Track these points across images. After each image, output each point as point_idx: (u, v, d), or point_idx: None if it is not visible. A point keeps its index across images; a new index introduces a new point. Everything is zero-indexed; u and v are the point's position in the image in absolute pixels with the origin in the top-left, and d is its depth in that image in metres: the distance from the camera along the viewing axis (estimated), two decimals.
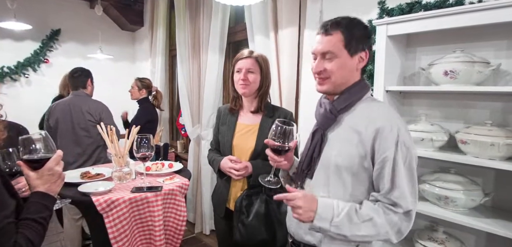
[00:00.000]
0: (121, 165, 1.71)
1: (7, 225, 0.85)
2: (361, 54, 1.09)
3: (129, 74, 4.19)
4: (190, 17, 3.33)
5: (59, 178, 1.03)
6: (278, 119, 1.17)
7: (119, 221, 1.42)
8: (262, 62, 1.66)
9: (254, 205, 1.54)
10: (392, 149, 0.99)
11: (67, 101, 2.65)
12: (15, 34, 4.15)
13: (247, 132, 1.69)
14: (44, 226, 0.95)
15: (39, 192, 0.98)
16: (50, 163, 1.01)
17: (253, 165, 1.60)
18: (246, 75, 1.61)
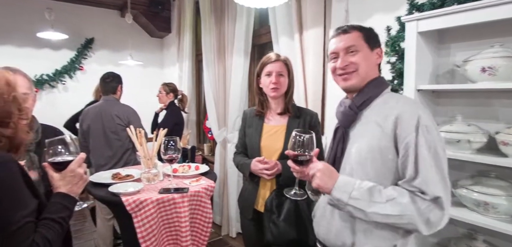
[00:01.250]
0: (149, 167, 1.75)
1: (26, 224, 0.87)
2: (377, 50, 1.13)
3: (157, 79, 4.32)
4: (215, 21, 3.38)
5: (80, 179, 1.06)
6: (296, 129, 1.16)
7: (147, 221, 1.46)
8: (289, 65, 1.70)
9: (284, 204, 1.53)
10: (413, 134, 0.96)
11: (98, 106, 2.77)
12: (52, 43, 4.41)
13: (275, 133, 1.68)
14: (63, 225, 0.97)
15: (61, 192, 1.01)
16: (72, 165, 1.04)
17: (283, 164, 1.59)
18: (277, 78, 1.63)
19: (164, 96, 3.45)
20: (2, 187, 0.85)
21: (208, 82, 3.50)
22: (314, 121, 1.70)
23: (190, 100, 4.09)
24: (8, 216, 0.84)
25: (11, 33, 4.26)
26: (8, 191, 0.86)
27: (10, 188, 0.86)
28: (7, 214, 0.84)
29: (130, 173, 1.84)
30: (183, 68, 4.26)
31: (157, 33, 5.06)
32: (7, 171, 0.87)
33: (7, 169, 0.87)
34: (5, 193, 0.85)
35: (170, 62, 5.03)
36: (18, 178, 0.90)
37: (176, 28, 4.50)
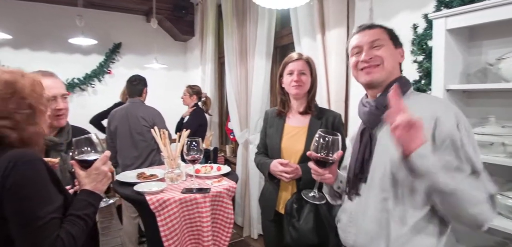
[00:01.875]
0: (172, 167, 1.78)
1: (51, 220, 0.90)
2: (400, 50, 1.11)
3: (181, 82, 4.41)
4: (237, 24, 3.40)
5: (104, 177, 1.09)
6: (321, 130, 1.13)
7: (170, 220, 1.49)
8: (312, 64, 1.68)
9: (304, 208, 1.52)
10: (457, 133, 0.92)
11: (124, 108, 2.87)
12: (83, 49, 4.62)
13: (296, 134, 1.67)
14: (87, 222, 1.00)
15: (86, 190, 1.04)
16: (97, 162, 1.08)
17: (302, 167, 1.57)
18: (299, 77, 1.63)
19: (188, 98, 3.51)
20: (29, 184, 0.89)
21: (230, 84, 3.53)
22: (337, 123, 1.67)
23: (213, 102, 4.14)
24: (34, 212, 0.87)
25: (45, 40, 4.51)
26: (35, 188, 0.89)
27: (37, 184, 0.90)
28: (34, 210, 0.88)
29: (154, 172, 1.89)
30: (206, 71, 4.32)
31: (181, 37, 5.17)
32: (34, 168, 0.91)
33: (33, 166, 0.91)
34: (32, 189, 0.89)
35: (193, 65, 5.12)
36: (44, 175, 0.93)
37: (199, 31, 4.57)
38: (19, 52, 4.40)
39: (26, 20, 4.36)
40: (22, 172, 0.88)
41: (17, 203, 0.87)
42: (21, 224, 0.87)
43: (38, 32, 4.46)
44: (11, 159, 0.89)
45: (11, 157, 0.89)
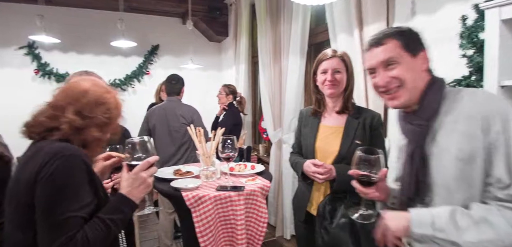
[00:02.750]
0: (207, 164, 1.81)
1: (71, 218, 0.88)
2: (422, 54, 0.98)
3: (215, 82, 4.48)
4: (271, 23, 3.38)
5: (142, 183, 1.04)
6: (360, 148, 1.07)
7: (205, 217, 1.50)
8: (347, 60, 1.60)
9: (338, 211, 1.46)
10: (503, 133, 0.82)
11: (163, 106, 2.97)
12: (123, 51, 4.85)
13: (331, 134, 1.61)
14: (110, 227, 0.95)
15: (120, 193, 1.02)
16: (137, 168, 1.04)
17: (337, 168, 1.52)
18: (333, 76, 1.56)
19: (224, 97, 3.56)
20: (61, 177, 0.89)
21: (264, 83, 3.51)
22: (376, 123, 1.58)
23: (246, 101, 4.16)
24: (57, 206, 0.88)
25: (90, 43, 4.79)
26: (65, 182, 0.90)
27: (68, 179, 0.90)
28: (57, 203, 0.88)
29: (190, 169, 1.93)
30: (240, 71, 4.35)
31: (215, 37, 5.25)
32: (70, 163, 0.91)
33: (71, 161, 0.92)
34: (62, 183, 0.89)
35: (227, 65, 5.18)
36: (79, 172, 0.92)
37: (233, 32, 4.62)
38: (67, 55, 4.71)
39: (73, 26, 4.66)
40: (58, 164, 0.89)
41: (45, 192, 0.88)
42: (42, 213, 0.88)
43: (83, 36, 4.75)
44: (52, 150, 0.92)
45: (53, 148, 0.92)
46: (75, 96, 1.02)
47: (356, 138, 1.55)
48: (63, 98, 1.02)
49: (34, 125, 1.00)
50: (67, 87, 1.07)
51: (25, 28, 4.04)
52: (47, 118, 0.99)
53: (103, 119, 1.04)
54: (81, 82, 1.07)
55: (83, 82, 1.07)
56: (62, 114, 0.99)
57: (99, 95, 1.06)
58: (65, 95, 1.03)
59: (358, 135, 1.55)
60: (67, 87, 1.07)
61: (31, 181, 0.90)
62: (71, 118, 0.98)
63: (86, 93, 1.04)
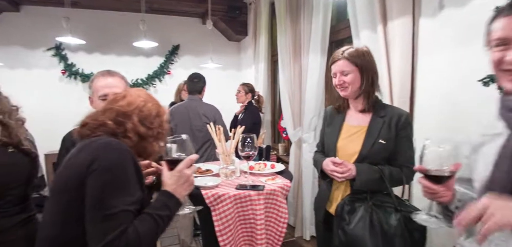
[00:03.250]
0: (227, 163, 1.80)
1: (123, 212, 0.89)
2: None
3: (235, 81, 4.48)
4: (291, 21, 3.34)
5: (186, 181, 1.06)
6: (428, 139, 0.94)
7: (225, 216, 1.49)
8: (356, 58, 1.50)
9: (357, 212, 1.41)
10: None
11: (185, 105, 3.00)
12: (145, 51, 4.94)
13: (354, 134, 1.56)
14: (158, 223, 0.96)
15: (165, 191, 1.03)
16: (181, 165, 1.06)
17: (358, 168, 1.47)
18: (341, 79, 1.51)
19: (243, 96, 3.56)
20: (112, 169, 0.91)
21: (284, 82, 3.48)
22: (403, 123, 1.50)
23: (265, 100, 4.14)
24: (109, 199, 0.88)
25: (113, 44, 4.92)
26: (116, 175, 0.91)
27: (119, 173, 0.91)
28: (109, 197, 0.88)
29: (210, 168, 1.93)
30: (259, 70, 4.33)
31: (235, 37, 5.26)
32: (122, 156, 0.93)
33: (122, 155, 0.93)
34: (113, 176, 0.90)
35: (246, 64, 5.17)
36: (130, 167, 0.94)
37: (252, 31, 4.60)
38: (91, 56, 4.86)
39: (97, 27, 4.80)
40: (112, 157, 0.91)
41: (96, 184, 0.89)
42: (93, 206, 0.88)
43: (107, 37, 4.88)
44: (103, 145, 0.94)
45: (103, 143, 0.95)
46: (139, 106, 1.06)
47: (380, 137, 1.49)
48: (128, 105, 1.05)
49: (96, 127, 1.02)
50: (129, 97, 1.09)
51: (52, 30, 4.20)
52: (112, 122, 1.02)
53: (159, 130, 1.08)
54: (141, 94, 1.12)
55: (142, 94, 1.12)
56: (128, 120, 1.03)
57: (157, 108, 1.11)
58: (129, 103, 1.06)
59: (382, 134, 1.49)
60: (129, 97, 1.09)
61: (82, 173, 0.90)
62: (136, 124, 1.02)
63: (146, 104, 1.08)
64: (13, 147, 1.44)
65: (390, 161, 1.52)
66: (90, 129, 1.02)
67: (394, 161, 1.52)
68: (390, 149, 1.50)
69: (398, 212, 1.38)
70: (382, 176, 1.45)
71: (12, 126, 1.42)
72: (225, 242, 1.50)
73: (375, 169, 1.47)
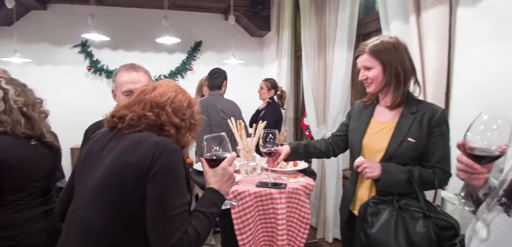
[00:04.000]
0: (248, 159, 1.73)
1: (184, 212, 0.91)
2: None
3: (257, 78, 4.42)
4: (316, 14, 3.23)
5: (230, 178, 1.09)
6: (483, 113, 0.85)
7: (244, 214, 1.43)
8: (378, 53, 1.38)
9: (381, 214, 1.29)
10: None
11: (204, 100, 2.97)
12: (168, 47, 4.98)
13: (382, 130, 1.44)
14: (211, 221, 0.98)
15: (212, 188, 1.05)
16: (224, 163, 1.08)
17: (384, 167, 1.35)
18: (364, 74, 1.42)
19: (266, 92, 3.50)
20: (173, 172, 0.92)
21: (307, 78, 3.37)
22: (437, 120, 1.36)
23: (288, 97, 4.06)
24: (173, 201, 0.90)
25: (137, 41, 4.98)
26: (176, 177, 0.92)
27: (178, 175, 0.93)
28: (172, 198, 0.90)
29: None
30: (282, 65, 4.24)
31: (257, 32, 5.20)
32: (179, 159, 0.94)
33: (179, 157, 0.95)
34: (174, 178, 0.92)
35: (269, 60, 5.10)
36: (182, 168, 0.96)
37: (275, 25, 4.52)
38: (116, 53, 4.94)
39: (121, 24, 4.88)
40: (171, 160, 0.92)
41: (159, 187, 0.90)
42: (157, 209, 0.89)
43: (130, 34, 4.95)
44: (160, 144, 0.93)
45: (160, 142, 0.94)
46: (171, 97, 1.06)
47: (409, 135, 1.36)
48: (161, 96, 1.05)
49: (138, 119, 1.01)
50: (161, 88, 1.08)
51: (78, 28, 4.29)
52: (152, 114, 1.01)
53: (191, 121, 1.09)
54: (171, 85, 1.12)
55: (172, 85, 1.12)
56: (163, 112, 1.03)
57: (189, 99, 1.11)
58: (161, 94, 1.06)
59: (412, 131, 1.36)
60: (160, 88, 1.08)
61: (143, 174, 0.90)
62: (171, 115, 1.02)
63: (177, 95, 1.08)
64: (36, 140, 1.45)
65: (422, 161, 1.39)
66: (131, 122, 1.00)
67: (426, 162, 1.39)
68: (421, 149, 1.37)
69: (427, 218, 1.25)
70: (411, 178, 1.32)
71: (36, 118, 1.43)
72: (245, 242, 1.44)
73: (403, 170, 1.35)
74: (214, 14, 5.27)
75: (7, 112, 1.34)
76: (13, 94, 1.37)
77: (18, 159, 1.36)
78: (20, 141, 1.38)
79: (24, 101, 1.40)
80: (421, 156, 1.38)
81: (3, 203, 1.36)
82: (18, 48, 3.95)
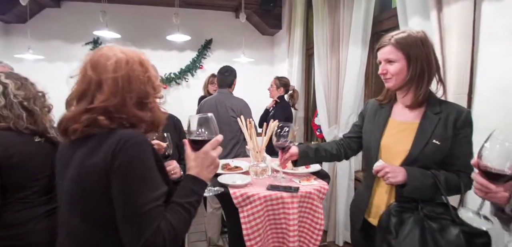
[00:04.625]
0: (258, 160, 1.66)
1: (154, 208, 0.84)
2: None
3: (267, 76, 4.36)
4: (329, 11, 3.13)
5: (212, 163, 0.99)
6: (498, 130, 0.82)
7: (253, 218, 1.36)
8: (403, 44, 1.27)
9: (405, 224, 1.20)
10: None
11: (214, 98, 2.93)
12: (178, 45, 4.95)
13: (402, 131, 1.34)
14: (190, 212, 0.91)
15: (190, 175, 0.96)
16: (206, 146, 0.98)
17: (408, 172, 1.25)
18: (384, 68, 1.31)
19: (275, 90, 3.42)
20: (136, 166, 0.84)
21: (319, 77, 3.28)
22: (463, 121, 1.27)
23: (299, 96, 3.97)
24: (139, 197, 0.83)
25: (147, 38, 4.96)
26: (141, 171, 0.85)
27: (144, 167, 0.85)
28: (138, 195, 0.83)
29: (239, 164, 1.80)
30: (293, 64, 4.16)
31: (268, 30, 5.14)
32: (142, 150, 0.86)
33: (142, 148, 0.86)
34: (138, 172, 0.84)
35: (280, 59, 5.02)
36: (151, 159, 0.88)
37: (286, 23, 4.45)
38: None
39: (132, 21, 4.87)
40: (131, 153, 0.84)
41: (123, 184, 0.83)
42: (124, 208, 0.83)
43: (141, 31, 4.94)
44: (121, 138, 0.85)
45: (121, 136, 0.86)
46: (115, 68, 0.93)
47: (434, 137, 1.26)
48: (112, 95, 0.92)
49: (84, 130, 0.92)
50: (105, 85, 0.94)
51: (90, 25, 4.30)
52: (104, 118, 0.91)
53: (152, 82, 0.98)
54: (108, 53, 0.97)
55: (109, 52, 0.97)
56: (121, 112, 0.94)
57: (138, 56, 0.98)
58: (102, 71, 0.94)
59: (437, 133, 1.27)
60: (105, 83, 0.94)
61: (105, 170, 0.84)
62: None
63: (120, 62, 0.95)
64: (40, 136, 1.41)
65: (444, 165, 1.30)
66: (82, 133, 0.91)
67: (450, 166, 1.29)
68: (445, 151, 1.27)
69: (456, 225, 1.16)
70: (437, 183, 1.23)
71: (37, 112, 1.39)
72: None
73: (428, 174, 1.25)
74: (225, 12, 5.22)
75: (8, 107, 1.31)
76: (13, 88, 1.34)
77: (22, 156, 1.32)
78: (23, 137, 1.34)
79: (24, 95, 1.36)
80: (444, 159, 1.29)
81: (8, 201, 1.33)
82: (31, 45, 3.99)
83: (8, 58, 3.55)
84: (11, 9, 4.10)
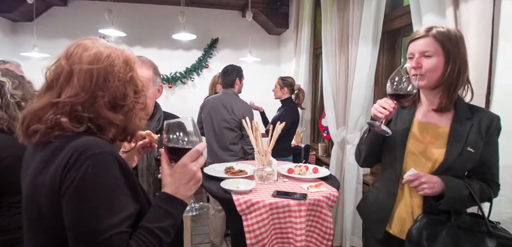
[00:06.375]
0: (263, 164, 1.58)
1: (115, 235, 0.69)
2: None
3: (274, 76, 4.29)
4: (338, 9, 3.04)
5: (191, 179, 0.82)
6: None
7: (258, 227, 1.28)
8: (444, 39, 1.17)
9: (438, 238, 1.11)
10: None
11: (217, 97, 2.88)
12: (184, 44, 4.90)
13: (430, 134, 1.25)
14: (161, 238, 0.76)
15: (164, 193, 0.81)
16: (185, 158, 0.82)
17: (446, 182, 1.14)
18: (419, 61, 1.18)
19: (279, 91, 3.33)
20: (92, 184, 0.69)
21: (327, 76, 3.19)
22: (493, 128, 1.20)
23: (306, 96, 3.89)
24: (95, 223, 0.69)
25: (153, 37, 4.93)
26: (99, 191, 0.70)
27: (102, 186, 0.71)
28: (94, 220, 0.69)
29: (243, 168, 1.73)
30: (300, 63, 4.08)
31: (275, 30, 5.06)
32: (101, 165, 0.71)
33: (101, 163, 0.71)
34: (95, 192, 0.70)
35: (286, 58, 4.95)
36: (114, 175, 0.73)
37: (293, 22, 4.36)
38: (132, 49, 4.88)
39: (137, 20, 4.83)
40: (86, 168, 0.69)
41: (75, 207, 0.69)
42: (76, 235, 0.69)
43: (147, 30, 4.90)
44: (76, 150, 0.70)
45: (76, 147, 0.71)
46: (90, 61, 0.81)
47: (468, 145, 1.17)
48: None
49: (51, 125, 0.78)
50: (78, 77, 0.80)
51: (96, 24, 4.26)
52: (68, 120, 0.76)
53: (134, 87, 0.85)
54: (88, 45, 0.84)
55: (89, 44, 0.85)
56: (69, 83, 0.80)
57: (123, 55, 0.86)
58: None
59: (470, 140, 1.18)
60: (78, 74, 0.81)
61: (55, 190, 0.70)
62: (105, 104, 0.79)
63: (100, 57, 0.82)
64: None
65: (473, 173, 1.23)
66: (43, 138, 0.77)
67: (480, 174, 1.22)
68: (476, 160, 1.20)
69: (492, 238, 1.09)
70: (472, 193, 1.15)
71: None
72: None
73: (463, 184, 1.17)
74: (231, 11, 5.16)
75: (3, 107, 1.26)
76: (10, 87, 1.28)
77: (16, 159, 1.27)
78: (17, 140, 1.29)
79: (22, 95, 1.30)
80: (474, 167, 1.22)
81: (2, 206, 1.28)
82: (37, 43, 3.97)
83: (15, 56, 3.55)
84: (18, 7, 4.10)
